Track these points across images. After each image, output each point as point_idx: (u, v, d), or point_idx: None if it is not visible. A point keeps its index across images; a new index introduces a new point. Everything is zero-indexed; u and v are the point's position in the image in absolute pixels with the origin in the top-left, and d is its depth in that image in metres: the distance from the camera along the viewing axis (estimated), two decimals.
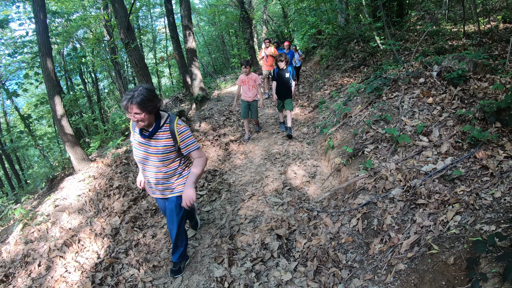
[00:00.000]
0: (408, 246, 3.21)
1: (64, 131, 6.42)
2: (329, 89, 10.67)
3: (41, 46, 6.24)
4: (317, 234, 4.08)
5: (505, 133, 4.12)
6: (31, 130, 14.41)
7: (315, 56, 19.13)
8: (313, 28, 12.87)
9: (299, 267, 3.62)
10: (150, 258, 4.13)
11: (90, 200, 5.27)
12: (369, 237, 3.73)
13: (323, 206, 4.75)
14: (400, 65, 7.91)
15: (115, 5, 7.72)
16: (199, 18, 32.63)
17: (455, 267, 2.66)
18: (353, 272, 3.39)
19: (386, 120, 5.56)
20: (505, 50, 7.78)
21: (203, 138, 7.73)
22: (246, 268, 3.66)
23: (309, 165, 6.10)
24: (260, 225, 4.43)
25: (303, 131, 8.13)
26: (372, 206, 4.06)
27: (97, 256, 4.21)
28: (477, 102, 4.92)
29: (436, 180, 3.82)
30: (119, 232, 4.68)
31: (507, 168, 3.56)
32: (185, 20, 12.32)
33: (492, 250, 2.55)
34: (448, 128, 4.68)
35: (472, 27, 11.18)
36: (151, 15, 24.32)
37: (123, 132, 8.36)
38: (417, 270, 2.87)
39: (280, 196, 5.19)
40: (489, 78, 5.57)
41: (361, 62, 11.66)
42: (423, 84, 6.03)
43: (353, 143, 5.60)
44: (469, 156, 3.97)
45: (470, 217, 3.12)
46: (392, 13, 13.58)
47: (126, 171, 6.03)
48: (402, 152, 4.67)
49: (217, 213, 5.00)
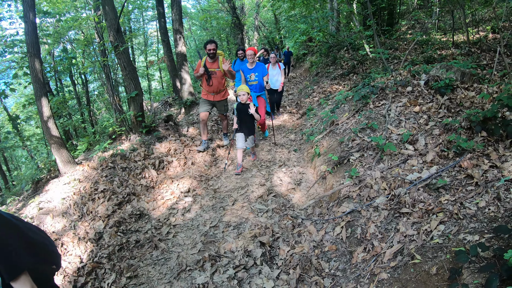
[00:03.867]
0: (391, 255, 3.20)
1: (51, 133, 6.33)
2: (318, 96, 10.72)
3: (29, 47, 6.16)
4: (301, 242, 4.05)
5: (490, 142, 4.13)
6: (19, 131, 14.23)
7: (305, 63, 19.22)
8: (304, 35, 12.91)
9: (281, 275, 3.59)
10: (133, 263, 4.07)
11: (74, 203, 5.19)
12: (353, 246, 3.71)
13: (308, 213, 4.73)
14: (389, 73, 7.95)
15: (105, 7, 7.66)
16: (191, 22, 32.63)
17: (438, 277, 2.64)
18: (335, 281, 3.37)
19: (372, 128, 5.57)
20: (493, 60, 7.86)
21: (190, 143, 7.69)
22: (228, 275, 3.62)
23: (295, 172, 6.09)
24: (244, 232, 4.40)
25: (290, 138, 8.13)
26: (356, 214, 4.04)
27: (80, 261, 4.13)
28: (463, 111, 4.95)
29: (420, 189, 3.82)
30: (102, 236, 4.61)
31: (492, 177, 3.56)
32: (176, 24, 12.29)
33: (475, 260, 2.54)
34: (434, 137, 4.70)
35: (462, 37, 11.30)
36: (143, 18, 24.26)
37: (111, 135, 8.27)
38: (399, 280, 2.85)
39: (265, 203, 5.16)
40: (476, 88, 5.61)
41: (351, 70, 11.73)
42: (410, 93, 6.06)
43: (339, 150, 5.60)
44: (454, 165, 3.97)
45: (453, 226, 3.11)
46: (383, 21, 13.73)
47: (112, 175, 5.96)
48: (388, 160, 4.67)
49: (201, 219, 4.95)
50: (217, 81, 7.30)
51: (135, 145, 6.92)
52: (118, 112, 8.04)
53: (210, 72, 7.22)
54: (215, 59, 7.24)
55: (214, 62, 7.25)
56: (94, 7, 14.51)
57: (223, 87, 7.55)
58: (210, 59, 7.17)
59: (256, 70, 7.65)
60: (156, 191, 5.90)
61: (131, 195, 5.56)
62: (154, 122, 8.10)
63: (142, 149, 6.81)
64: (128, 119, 7.85)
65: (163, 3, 12.86)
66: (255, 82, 7.67)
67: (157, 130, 7.80)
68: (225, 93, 7.66)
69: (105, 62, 9.10)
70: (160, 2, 12.59)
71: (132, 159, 6.48)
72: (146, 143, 7.14)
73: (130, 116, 7.58)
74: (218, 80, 7.32)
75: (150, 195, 5.75)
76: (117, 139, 7.94)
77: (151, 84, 24.91)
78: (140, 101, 7.57)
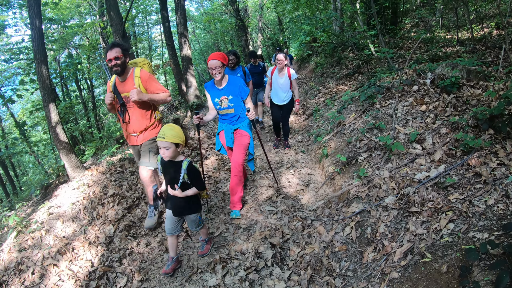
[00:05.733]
0: (402, 254, 3.21)
1: (59, 138, 6.39)
2: (323, 97, 10.72)
3: (36, 53, 6.22)
4: (311, 243, 4.07)
5: (498, 140, 4.14)
6: (26, 137, 14.35)
7: (310, 64, 19.22)
8: (308, 36, 12.93)
9: (292, 276, 3.61)
10: (144, 267, 4.11)
11: (84, 208, 5.24)
12: (363, 246, 3.73)
13: (317, 214, 4.75)
14: (394, 72, 7.96)
15: (110, 13, 7.75)
16: (195, 25, 32.75)
17: (448, 275, 2.65)
18: (346, 281, 3.39)
19: (379, 128, 5.58)
20: (498, 57, 7.84)
21: (197, 146, 7.73)
22: (239, 277, 3.64)
23: (303, 173, 6.11)
24: (254, 233, 4.42)
25: (297, 139, 8.14)
26: (365, 214, 4.06)
27: (91, 265, 4.17)
28: (470, 109, 4.95)
29: (429, 188, 3.83)
30: (113, 240, 4.66)
31: (500, 175, 3.57)
32: (181, 28, 12.35)
33: (485, 258, 2.55)
34: (441, 136, 4.70)
35: (466, 34, 11.28)
36: (147, 23, 24.37)
37: (118, 140, 8.33)
38: (410, 279, 2.86)
39: (274, 204, 5.18)
40: (482, 85, 5.60)
41: (356, 70, 11.72)
42: (416, 92, 6.06)
43: (347, 151, 5.61)
44: (462, 163, 3.98)
45: (463, 224, 3.12)
46: (387, 20, 13.71)
47: (121, 179, 6.01)
48: (396, 160, 4.68)
49: (211, 221, 4.99)
50: (137, 113, 4.50)
51: None
52: None
53: (124, 99, 4.46)
54: (125, 76, 4.42)
55: (127, 81, 4.41)
56: (99, 13, 14.66)
57: (150, 120, 4.61)
58: (119, 76, 4.39)
59: (230, 90, 4.69)
60: None
61: (140, 199, 5.60)
62: None
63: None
64: None
65: (167, 7, 12.92)
66: (230, 110, 4.77)
67: None
68: (156, 127, 4.73)
69: None
70: (164, 6, 12.65)
71: None
72: None
73: None
74: (139, 112, 4.50)
75: None
76: (125, 144, 7.99)
77: None
78: None
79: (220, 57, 4.51)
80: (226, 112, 4.83)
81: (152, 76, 4.53)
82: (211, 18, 24.62)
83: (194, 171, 3.53)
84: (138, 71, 4.44)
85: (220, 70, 4.51)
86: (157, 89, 4.48)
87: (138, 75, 4.42)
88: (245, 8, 25.70)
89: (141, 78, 4.41)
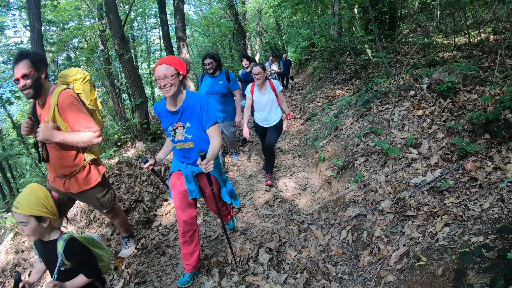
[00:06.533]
0: (397, 257, 3.23)
1: None
2: (321, 102, 10.75)
3: None
4: (307, 247, 4.09)
5: (493, 144, 4.16)
6: (23, 138, 14.33)
7: (308, 68, 19.29)
8: (306, 41, 12.99)
9: (289, 280, 3.62)
10: (141, 269, 4.11)
11: (81, 210, 5.25)
12: (359, 249, 3.75)
13: (314, 218, 4.76)
14: (391, 77, 7.99)
15: (109, 16, 7.77)
16: (194, 29, 32.83)
17: (443, 278, 2.67)
18: (342, 284, 3.40)
19: (376, 133, 5.61)
20: (495, 62, 7.88)
21: None
22: (236, 280, 3.66)
23: (300, 177, 6.13)
24: (251, 237, 4.43)
25: (294, 143, 8.16)
26: (362, 218, 4.08)
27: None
28: (466, 114, 4.98)
29: (425, 192, 3.86)
30: (110, 243, 4.66)
31: (496, 179, 3.59)
32: (179, 32, 12.37)
33: (480, 261, 2.57)
34: (438, 140, 4.73)
35: (463, 39, 11.34)
36: (146, 26, 24.39)
37: (116, 143, 8.35)
38: (406, 282, 2.88)
39: (271, 208, 5.20)
40: (479, 90, 5.64)
41: (353, 75, 11.76)
42: (413, 97, 6.10)
43: (344, 155, 5.64)
44: (458, 168, 4.01)
45: (458, 228, 3.14)
46: (384, 26, 13.78)
47: (118, 182, 6.01)
48: (392, 164, 4.71)
49: (208, 225, 5.00)
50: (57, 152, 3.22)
51: (141, 152, 6.97)
52: (123, 120, 8.12)
53: None
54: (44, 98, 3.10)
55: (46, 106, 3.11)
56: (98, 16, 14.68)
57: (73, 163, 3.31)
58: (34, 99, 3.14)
59: (187, 113, 3.18)
60: (162, 197, 5.94)
61: (137, 202, 5.60)
62: (159, 129, 8.16)
63: (148, 156, 6.85)
64: (133, 126, 7.91)
65: (166, 11, 12.95)
66: (187, 144, 3.26)
67: (162, 137, 7.85)
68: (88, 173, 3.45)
69: (110, 70, 9.18)
70: (163, 10, 12.68)
71: (138, 166, 6.53)
72: (152, 150, 7.19)
73: (135, 123, 7.64)
74: (58, 152, 3.22)
75: (157, 202, 5.79)
76: (122, 147, 8.02)
77: (154, 91, 25.00)
78: (145, 109, 7.64)
79: (173, 62, 3.00)
80: (183, 147, 3.29)
81: (75, 103, 3.06)
82: (209, 22, 24.66)
83: (77, 252, 2.35)
84: (58, 92, 3.06)
85: (172, 81, 2.95)
86: (80, 124, 3.06)
87: (55, 100, 3.02)
88: (244, 12, 25.76)
89: (58, 105, 3.02)
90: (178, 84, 3.04)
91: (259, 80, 5.32)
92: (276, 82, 5.54)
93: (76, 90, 3.32)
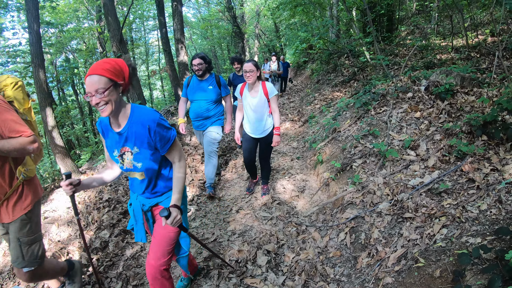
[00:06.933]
0: (395, 259, 3.23)
1: (55, 142, 6.39)
2: (319, 104, 10.75)
3: (34, 57, 6.23)
4: (306, 249, 4.08)
5: (491, 146, 4.17)
6: None
7: (306, 71, 19.31)
8: (304, 43, 13.00)
9: (287, 282, 3.61)
10: (139, 272, 4.10)
11: (79, 212, 5.23)
12: (357, 251, 3.75)
13: (312, 220, 4.76)
14: (389, 79, 8.01)
15: (108, 18, 7.77)
16: (192, 31, 32.87)
17: (441, 279, 2.67)
18: (340, 286, 3.39)
19: (374, 135, 5.61)
20: (492, 64, 7.90)
21: (194, 152, 7.74)
22: (234, 282, 3.65)
23: (298, 179, 6.12)
24: (249, 239, 4.43)
25: (293, 145, 8.17)
26: (360, 220, 4.08)
27: (86, 270, 4.17)
28: (464, 116, 4.99)
29: (423, 193, 3.86)
30: (108, 245, 4.65)
31: (493, 180, 3.60)
32: (178, 34, 12.39)
33: (478, 262, 2.57)
34: (435, 142, 4.74)
35: (461, 41, 11.35)
36: (144, 28, 24.43)
37: None
38: (404, 283, 2.88)
39: (269, 210, 5.19)
40: (476, 92, 5.65)
41: (351, 77, 11.77)
42: (411, 99, 6.11)
43: (342, 157, 5.64)
44: (456, 169, 4.01)
45: (456, 230, 3.14)
46: (382, 28, 13.81)
47: (116, 184, 6.00)
48: (390, 166, 4.71)
49: (206, 227, 4.99)
50: None
51: None
52: None
53: None
54: None
55: None
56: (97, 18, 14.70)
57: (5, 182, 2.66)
58: None
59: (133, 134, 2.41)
60: None
61: None
62: None
63: None
64: None
65: (164, 13, 12.99)
66: (137, 174, 2.58)
67: None
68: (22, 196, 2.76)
69: None
70: (162, 12, 12.71)
71: None
72: None
73: None
74: None
75: None
76: None
77: (153, 93, 25.02)
78: None
79: (106, 70, 2.18)
80: (134, 176, 2.64)
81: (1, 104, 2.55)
82: (208, 24, 24.71)
83: None
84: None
85: (107, 97, 2.19)
86: (10, 129, 2.51)
87: None
88: (242, 14, 25.82)
89: None
90: (117, 99, 2.27)
91: (250, 79, 4.54)
92: (270, 85, 4.72)
93: (7, 97, 2.89)
